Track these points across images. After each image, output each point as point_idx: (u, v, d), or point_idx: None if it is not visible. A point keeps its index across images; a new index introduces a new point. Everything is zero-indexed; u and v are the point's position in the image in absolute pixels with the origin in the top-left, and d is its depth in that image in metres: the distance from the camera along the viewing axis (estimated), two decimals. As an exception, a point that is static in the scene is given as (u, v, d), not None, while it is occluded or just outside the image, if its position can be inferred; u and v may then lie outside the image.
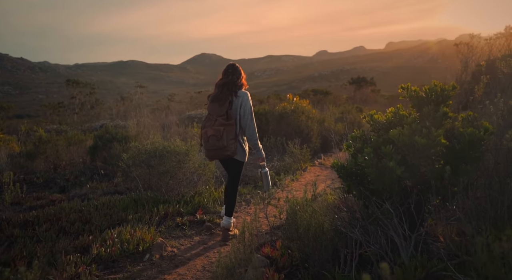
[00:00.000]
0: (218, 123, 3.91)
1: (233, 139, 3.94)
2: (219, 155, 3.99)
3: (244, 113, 4.03)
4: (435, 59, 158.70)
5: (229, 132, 3.91)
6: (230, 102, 3.99)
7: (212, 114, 4.00)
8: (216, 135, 3.86)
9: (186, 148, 5.48)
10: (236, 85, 4.11)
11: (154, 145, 5.46)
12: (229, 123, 3.91)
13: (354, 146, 2.94)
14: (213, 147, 3.92)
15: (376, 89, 29.43)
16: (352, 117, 13.87)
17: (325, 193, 4.99)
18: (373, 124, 3.13)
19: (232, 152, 3.97)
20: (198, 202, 5.27)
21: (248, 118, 4.04)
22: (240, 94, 4.06)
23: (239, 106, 4.03)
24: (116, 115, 18.72)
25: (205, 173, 5.57)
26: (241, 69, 4.26)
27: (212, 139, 3.89)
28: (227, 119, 3.92)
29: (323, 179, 7.61)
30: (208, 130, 3.92)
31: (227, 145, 3.90)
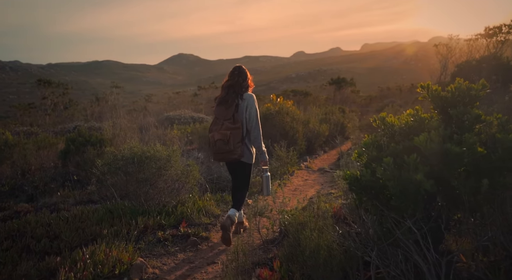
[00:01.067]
0: (225, 127, 3.93)
1: (239, 143, 3.96)
2: (226, 158, 4.02)
3: (250, 116, 4.03)
4: (409, 61, 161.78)
5: (236, 136, 3.92)
6: (237, 105, 4.00)
7: (219, 118, 4.02)
8: (223, 139, 3.89)
9: (168, 154, 5.00)
10: (242, 87, 4.11)
11: (132, 150, 4.96)
12: (235, 127, 3.93)
13: (368, 154, 2.54)
14: (220, 150, 3.95)
15: (356, 90, 29.41)
16: (336, 118, 13.58)
17: (319, 201, 4.59)
18: (385, 128, 2.74)
19: (239, 155, 3.99)
20: (182, 213, 4.80)
21: (253, 120, 4.04)
22: (245, 97, 4.07)
23: (245, 109, 4.03)
24: (91, 117, 17.95)
25: (188, 180, 5.09)
26: (247, 71, 4.25)
27: (219, 143, 3.92)
28: (234, 123, 3.94)
29: (312, 184, 7.23)
30: (215, 134, 3.95)
31: (234, 149, 3.92)
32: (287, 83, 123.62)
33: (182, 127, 13.27)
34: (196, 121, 16.26)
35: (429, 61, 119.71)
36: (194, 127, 12.50)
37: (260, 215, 4.01)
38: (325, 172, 8.22)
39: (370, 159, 2.50)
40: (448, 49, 20.45)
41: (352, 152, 9.03)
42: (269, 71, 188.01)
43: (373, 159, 2.48)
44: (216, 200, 5.56)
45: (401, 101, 30.40)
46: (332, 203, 5.21)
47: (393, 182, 2.19)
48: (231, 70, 4.23)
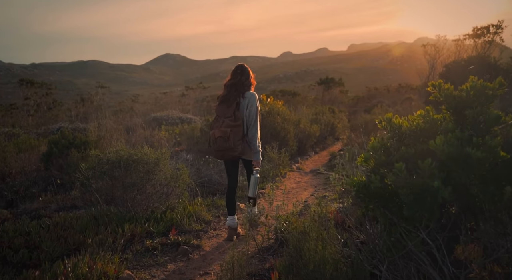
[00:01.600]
0: (226, 124, 3.97)
1: (240, 140, 4.00)
2: (226, 155, 4.07)
3: (249, 114, 4.07)
4: (395, 61, 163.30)
5: (236, 133, 3.97)
6: (238, 103, 4.05)
7: (220, 116, 4.07)
8: (223, 136, 3.93)
9: (156, 157, 4.75)
10: (245, 86, 4.16)
11: (118, 153, 4.69)
12: (236, 124, 3.97)
13: (376, 159, 2.34)
14: (221, 148, 4.00)
15: (345, 90, 29.39)
16: (326, 118, 13.44)
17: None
18: (391, 130, 2.55)
19: (240, 153, 4.03)
20: (171, 219, 4.56)
21: (252, 119, 4.08)
22: (247, 95, 4.12)
23: (245, 107, 4.07)
24: (76, 117, 17.51)
25: (178, 185, 4.85)
26: (249, 69, 4.30)
27: (219, 140, 3.97)
28: (235, 120, 3.97)
29: (305, 186, 7.04)
30: (216, 132, 4.01)
31: (234, 146, 3.96)
32: (275, 83, 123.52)
33: (170, 128, 12.99)
34: (184, 121, 15.96)
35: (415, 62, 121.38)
36: (182, 128, 12.24)
37: (255, 222, 3.80)
38: (318, 174, 8.04)
39: (378, 164, 2.30)
40: (436, 50, 20.51)
41: (344, 153, 8.88)
42: (257, 71, 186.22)
43: (382, 164, 2.28)
44: (207, 205, 5.33)
45: (389, 101, 30.48)
46: (328, 207, 5.02)
47: (406, 189, 2.00)
48: (234, 69, 4.26)
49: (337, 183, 5.62)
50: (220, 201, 5.62)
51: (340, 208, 5.10)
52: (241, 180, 6.22)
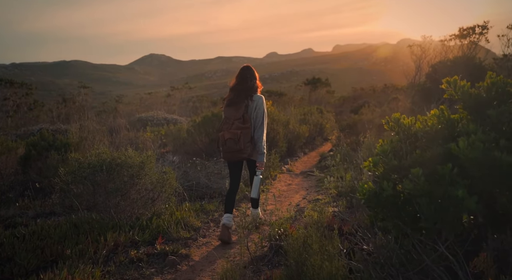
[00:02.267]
0: (235, 126, 4.03)
1: (249, 142, 4.08)
2: (235, 157, 4.16)
3: (257, 116, 4.15)
4: (379, 62, 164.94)
5: (246, 135, 4.03)
6: (246, 106, 4.11)
7: (229, 118, 4.11)
8: (234, 138, 4.00)
9: (141, 160, 4.46)
10: (253, 90, 4.23)
11: (100, 156, 4.39)
12: (245, 127, 4.03)
13: (386, 164, 2.12)
14: (230, 149, 4.06)
15: (331, 90, 29.33)
16: (315, 119, 13.25)
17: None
18: (400, 131, 2.33)
19: (249, 155, 4.13)
20: (158, 227, 4.27)
21: (259, 121, 4.16)
22: (255, 98, 4.19)
23: (253, 109, 4.15)
24: (57, 118, 16.99)
25: (164, 189, 4.57)
26: (256, 72, 4.37)
27: (229, 142, 4.03)
28: (244, 122, 4.04)
29: (296, 188, 6.82)
30: (225, 134, 4.07)
31: (244, 148, 4.03)
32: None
33: (155, 129, 12.65)
34: (169, 122, 15.61)
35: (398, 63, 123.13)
36: (168, 129, 11.92)
37: (250, 230, 3.55)
38: (309, 176, 7.83)
39: (389, 169, 2.08)
40: (422, 50, 20.53)
41: (334, 154, 8.69)
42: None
43: (393, 170, 2.06)
44: (195, 210, 5.06)
45: (374, 101, 30.53)
46: (323, 211, 4.80)
47: (425, 199, 1.77)
48: (242, 74, 4.29)
49: (331, 186, 5.41)
50: (209, 206, 5.35)
51: (335, 212, 4.88)
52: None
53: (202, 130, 9.14)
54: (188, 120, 17.58)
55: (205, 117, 9.45)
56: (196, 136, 9.23)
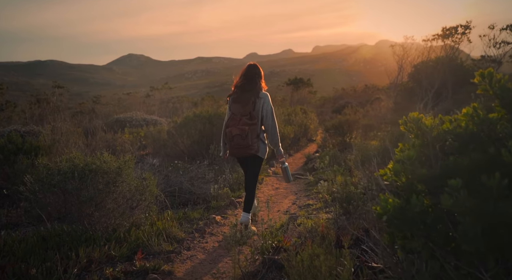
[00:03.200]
0: (243, 122, 4.07)
1: (256, 138, 4.14)
2: (243, 153, 4.18)
3: (267, 114, 4.20)
4: (358, 63, 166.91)
5: (253, 132, 4.09)
6: (253, 103, 4.15)
7: (236, 114, 4.15)
8: (241, 134, 4.04)
9: (118, 165, 4.04)
10: (259, 89, 4.26)
11: (72, 162, 3.95)
12: (253, 123, 4.08)
13: (412, 173, 1.78)
14: (238, 145, 4.10)
15: (313, 91, 29.18)
16: (299, 119, 12.96)
17: (304, 216, 3.84)
18: (419, 133, 2.00)
19: (256, 150, 4.16)
20: (137, 239, 3.86)
21: (270, 118, 4.22)
22: (261, 96, 4.22)
23: (261, 107, 4.18)
24: (31, 119, 16.23)
25: (144, 197, 4.15)
26: (261, 70, 4.40)
27: (237, 138, 4.07)
28: (251, 119, 4.08)
29: (284, 193, 6.48)
30: (233, 130, 4.09)
31: (252, 144, 4.09)
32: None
33: (134, 130, 12.13)
34: (149, 123, 15.09)
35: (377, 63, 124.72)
36: (148, 130, 11.43)
37: (242, 245, 3.18)
38: (297, 179, 7.51)
39: (416, 180, 1.74)
40: (404, 50, 20.52)
41: (323, 156, 8.40)
42: (222, 72, 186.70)
43: (421, 180, 1.72)
44: (178, 219, 4.66)
45: (355, 101, 30.52)
46: (316, 219, 4.47)
47: (470, 217, 1.44)
48: (248, 71, 4.32)
49: (324, 191, 5.09)
50: (193, 214, 4.96)
51: (330, 219, 4.56)
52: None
53: (184, 131, 8.72)
54: (168, 121, 17.08)
55: (187, 118, 9.03)
56: (177, 137, 8.80)
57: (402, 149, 1.93)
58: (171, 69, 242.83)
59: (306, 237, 3.90)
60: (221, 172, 6.84)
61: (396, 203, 1.66)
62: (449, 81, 15.72)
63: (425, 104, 16.31)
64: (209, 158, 7.65)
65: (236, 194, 5.92)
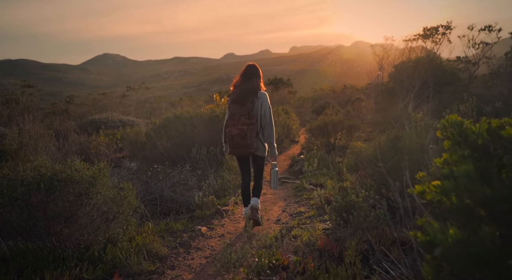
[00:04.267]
0: (242, 122, 4.14)
1: (255, 137, 4.21)
2: (243, 152, 4.27)
3: (265, 113, 4.28)
4: (335, 64, 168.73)
5: (252, 131, 4.15)
6: (252, 103, 4.22)
7: (235, 114, 4.20)
8: (241, 134, 4.11)
9: (92, 174, 3.56)
10: (258, 89, 4.34)
11: (38, 170, 3.45)
12: (251, 122, 4.14)
13: (469, 191, 1.41)
14: (238, 145, 4.18)
15: (293, 91, 28.95)
16: (282, 120, 12.61)
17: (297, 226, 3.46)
18: (462, 141, 1.64)
19: (255, 149, 4.24)
20: (113, 259, 3.39)
21: (267, 117, 4.30)
22: (260, 95, 4.31)
23: (259, 106, 4.25)
24: (-2, 121, 15.33)
25: (122, 210, 3.68)
26: (260, 70, 4.48)
27: (236, 138, 4.14)
28: (249, 118, 4.15)
29: (272, 198, 6.09)
30: (233, 129, 4.16)
31: (251, 143, 4.15)
32: (218, 85, 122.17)
33: (110, 132, 11.53)
34: (126, 124, 14.47)
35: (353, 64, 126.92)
36: (125, 132, 10.87)
37: (236, 267, 2.77)
38: (284, 183, 7.13)
39: (477, 202, 1.37)
40: (384, 50, 20.48)
41: (310, 159, 8.06)
42: (200, 72, 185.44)
43: (485, 202, 1.35)
44: (160, 232, 4.20)
45: (334, 101, 30.46)
46: (312, 230, 4.10)
47: None
48: (247, 71, 4.40)
49: (321, 200, 4.72)
50: (176, 225, 4.51)
51: (326, 230, 4.20)
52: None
53: (163, 133, 8.23)
54: (146, 122, 16.47)
55: (167, 119, 8.54)
56: (156, 140, 8.30)
57: (448, 160, 1.56)
58: (148, 69, 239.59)
59: (304, 252, 3.53)
60: (205, 177, 6.40)
61: (457, 234, 1.29)
62: (430, 81, 15.69)
63: (407, 104, 16.25)
64: (191, 162, 7.20)
65: (222, 201, 5.50)
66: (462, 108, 6.16)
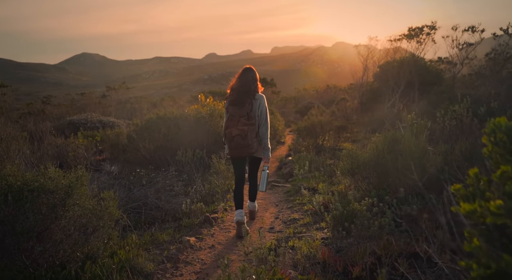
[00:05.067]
0: (242, 123, 4.19)
1: (255, 138, 4.27)
2: (243, 152, 4.29)
3: (261, 114, 4.36)
4: (316, 64, 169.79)
5: (252, 132, 4.21)
6: (250, 104, 4.29)
7: (234, 115, 4.25)
8: (241, 135, 4.15)
9: (68, 182, 3.18)
10: (255, 91, 4.40)
11: (6, 180, 3.05)
12: (251, 123, 4.21)
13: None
14: (239, 145, 4.20)
15: (277, 91, 28.72)
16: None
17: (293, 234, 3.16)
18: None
19: (255, 150, 4.28)
20: (92, 278, 3.02)
21: (264, 118, 4.38)
22: (257, 97, 4.39)
23: (257, 108, 4.33)
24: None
25: (103, 222, 3.30)
26: (257, 73, 4.55)
27: (237, 138, 4.17)
28: (249, 119, 4.21)
29: (264, 204, 5.78)
30: (233, 130, 4.19)
31: (251, 144, 4.20)
32: (200, 85, 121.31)
33: (89, 134, 11.03)
34: (106, 125, 13.96)
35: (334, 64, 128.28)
36: (105, 134, 10.41)
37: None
38: (274, 187, 6.83)
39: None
40: (368, 50, 20.43)
41: (301, 162, 7.79)
42: (181, 72, 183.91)
43: None
44: (144, 244, 3.84)
45: (318, 102, 30.35)
46: (311, 240, 3.80)
47: None
48: (244, 75, 4.46)
49: (319, 207, 4.42)
50: (162, 236, 4.15)
51: (325, 240, 3.91)
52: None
53: (146, 135, 7.83)
54: (127, 123, 15.94)
55: (149, 120, 8.13)
56: (138, 142, 7.89)
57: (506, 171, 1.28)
58: (128, 69, 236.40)
59: (305, 266, 3.23)
60: (192, 182, 6.04)
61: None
62: (415, 81, 15.65)
63: (393, 104, 16.17)
64: (176, 166, 6.83)
65: (210, 208, 5.16)
66: (457, 109, 5.95)
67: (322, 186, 6.18)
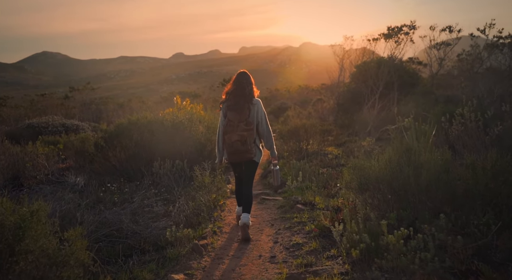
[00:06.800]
0: (241, 128, 4.23)
1: (253, 143, 4.36)
2: (242, 157, 4.34)
3: (261, 120, 4.43)
4: (284, 64, 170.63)
5: (251, 137, 4.28)
6: (248, 109, 4.33)
7: (233, 120, 4.28)
8: (241, 140, 4.21)
9: (19, 219, 2.35)
10: (251, 95, 4.43)
11: None
12: (250, 128, 4.27)
13: None
14: (238, 151, 4.26)
15: (250, 92, 28.06)
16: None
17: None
18: None
19: (254, 155, 4.37)
20: None
21: (264, 123, 4.46)
22: (255, 102, 4.42)
23: (256, 113, 4.38)
24: None
25: (67, 273, 2.48)
26: (251, 77, 4.59)
27: (236, 144, 4.23)
28: (247, 125, 4.26)
29: (257, 223, 5.06)
30: (233, 135, 4.23)
31: (250, 149, 4.27)
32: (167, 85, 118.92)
33: (50, 139, 9.96)
34: (69, 129, 12.83)
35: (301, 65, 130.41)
36: (68, 139, 9.39)
37: None
38: (264, 200, 6.10)
39: None
40: (343, 50, 20.05)
41: (284, 168, 7.11)
42: (147, 72, 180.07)
43: None
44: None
45: (291, 102, 29.85)
46: (328, 277, 3.11)
47: None
48: (238, 79, 4.47)
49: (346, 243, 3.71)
50: (143, 273, 3.34)
51: (345, 276, 3.22)
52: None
53: (117, 142, 6.93)
54: (92, 126, 14.81)
55: (120, 125, 7.23)
56: (108, 150, 6.98)
57: None
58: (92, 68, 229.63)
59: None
60: (173, 197, 5.23)
61: None
62: (394, 82, 15.32)
63: (372, 105, 15.79)
64: (152, 178, 6.00)
65: (198, 233, 4.37)
66: (466, 113, 5.42)
67: (319, 199, 5.54)
